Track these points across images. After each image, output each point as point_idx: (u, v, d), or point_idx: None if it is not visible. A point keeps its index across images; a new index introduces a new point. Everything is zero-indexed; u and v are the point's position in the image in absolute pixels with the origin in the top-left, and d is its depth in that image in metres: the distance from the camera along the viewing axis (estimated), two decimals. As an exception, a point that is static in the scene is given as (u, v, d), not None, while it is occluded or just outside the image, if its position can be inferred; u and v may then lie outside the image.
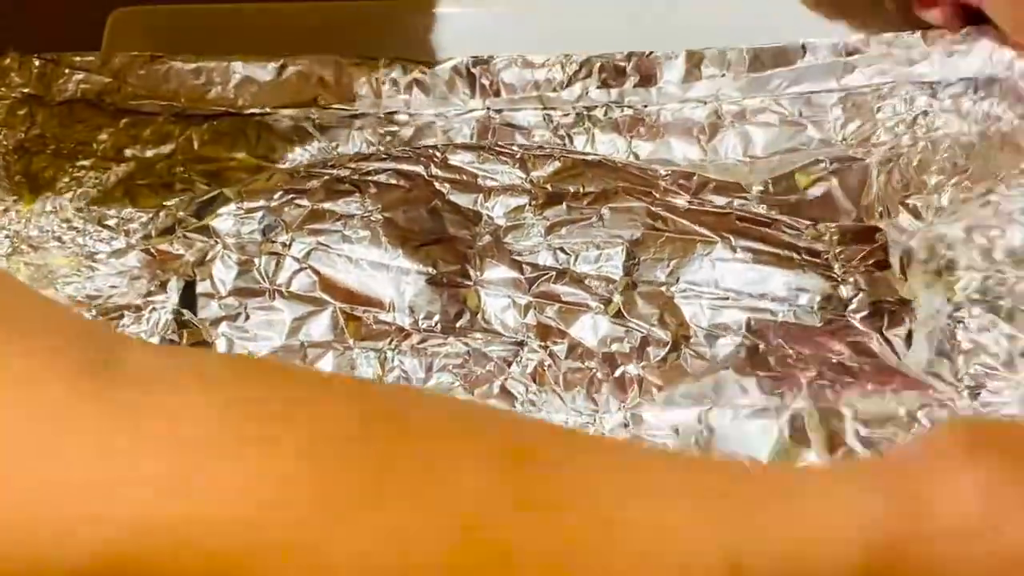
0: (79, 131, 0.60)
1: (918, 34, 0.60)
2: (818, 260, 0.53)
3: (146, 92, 0.61)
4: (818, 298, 0.52)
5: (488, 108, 0.61)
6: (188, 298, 0.54)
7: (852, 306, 0.52)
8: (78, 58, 0.61)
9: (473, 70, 0.61)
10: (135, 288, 0.55)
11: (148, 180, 0.59)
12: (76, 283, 0.56)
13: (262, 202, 0.56)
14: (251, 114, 0.61)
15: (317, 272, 0.54)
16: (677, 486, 0.35)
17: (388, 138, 0.60)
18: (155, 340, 0.54)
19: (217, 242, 0.55)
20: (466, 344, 0.53)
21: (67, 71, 0.61)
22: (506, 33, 0.64)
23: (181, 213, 0.57)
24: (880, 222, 0.55)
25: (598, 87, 0.61)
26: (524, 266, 0.54)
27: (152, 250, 0.56)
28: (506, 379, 0.52)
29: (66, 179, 0.58)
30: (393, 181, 0.56)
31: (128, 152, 0.60)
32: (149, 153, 0.60)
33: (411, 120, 0.61)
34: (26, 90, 0.60)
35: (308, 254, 0.54)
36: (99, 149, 0.59)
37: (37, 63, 0.60)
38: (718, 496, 0.35)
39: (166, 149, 0.60)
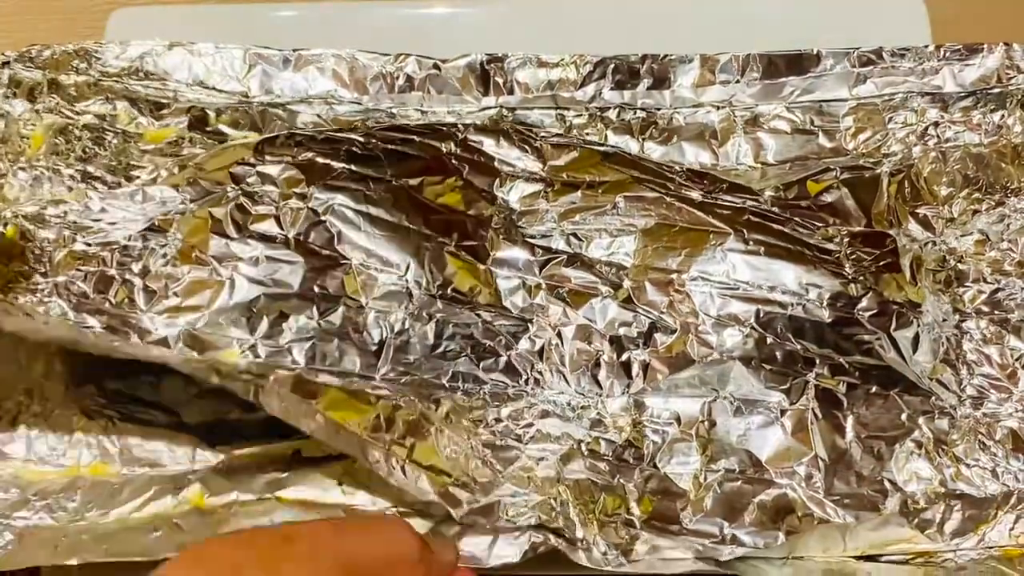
0: (94, 110, 0.60)
1: (931, 46, 0.60)
2: (829, 257, 0.53)
3: (161, 77, 0.61)
4: (828, 294, 0.52)
5: (501, 106, 0.61)
6: None
7: (861, 304, 0.52)
8: (96, 46, 0.61)
9: (487, 68, 0.61)
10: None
11: (159, 158, 0.59)
12: (92, 235, 0.55)
13: (287, 158, 0.55)
14: (264, 103, 0.61)
15: (336, 227, 0.53)
16: None
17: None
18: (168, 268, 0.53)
19: (235, 189, 0.55)
20: (477, 315, 0.52)
21: (85, 57, 0.61)
22: (518, 32, 0.65)
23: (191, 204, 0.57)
24: (890, 231, 0.55)
25: (612, 88, 0.61)
26: (536, 248, 0.54)
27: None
28: (513, 354, 0.52)
29: (79, 151, 0.58)
30: (414, 152, 0.56)
31: (141, 127, 0.59)
32: (161, 131, 0.60)
33: (423, 116, 0.61)
34: (45, 73, 0.60)
35: (329, 209, 0.54)
36: (114, 127, 0.59)
37: (58, 50, 0.61)
38: None
39: (178, 130, 0.60)
